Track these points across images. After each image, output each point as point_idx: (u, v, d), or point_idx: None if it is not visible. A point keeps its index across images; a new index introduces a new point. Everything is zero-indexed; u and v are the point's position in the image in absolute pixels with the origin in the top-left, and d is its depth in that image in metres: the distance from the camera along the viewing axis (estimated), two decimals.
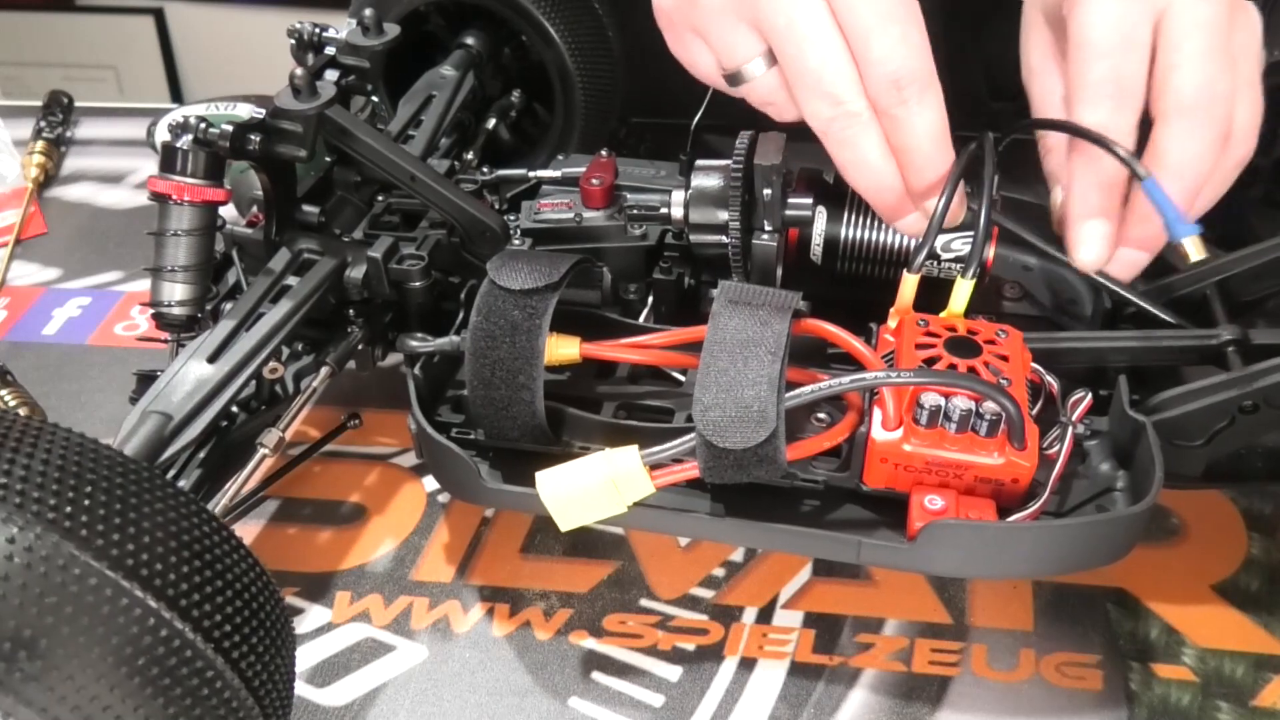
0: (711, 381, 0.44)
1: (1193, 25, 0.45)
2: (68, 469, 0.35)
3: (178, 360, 0.47)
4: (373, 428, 0.62)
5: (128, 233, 0.80)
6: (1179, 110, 0.45)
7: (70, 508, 0.34)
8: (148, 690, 0.34)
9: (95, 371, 0.68)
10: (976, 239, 0.48)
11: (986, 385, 0.43)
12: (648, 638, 0.52)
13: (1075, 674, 0.50)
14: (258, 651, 0.37)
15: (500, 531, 0.57)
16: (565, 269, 0.48)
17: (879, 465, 0.45)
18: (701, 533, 0.50)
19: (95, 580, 0.33)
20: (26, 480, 0.34)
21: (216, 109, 0.81)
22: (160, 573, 0.35)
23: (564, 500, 0.44)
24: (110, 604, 0.33)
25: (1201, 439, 0.47)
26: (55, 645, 0.33)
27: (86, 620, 0.33)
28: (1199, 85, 0.45)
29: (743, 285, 0.47)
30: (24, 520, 0.33)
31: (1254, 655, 0.50)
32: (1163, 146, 0.45)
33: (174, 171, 0.48)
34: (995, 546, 0.44)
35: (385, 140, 0.52)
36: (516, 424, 0.48)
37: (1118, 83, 0.45)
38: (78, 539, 0.33)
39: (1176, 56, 0.45)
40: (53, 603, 0.33)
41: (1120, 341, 0.50)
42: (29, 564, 0.33)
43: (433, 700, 0.50)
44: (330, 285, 0.51)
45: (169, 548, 0.36)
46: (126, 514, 0.35)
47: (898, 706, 0.49)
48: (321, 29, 0.55)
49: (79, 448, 0.37)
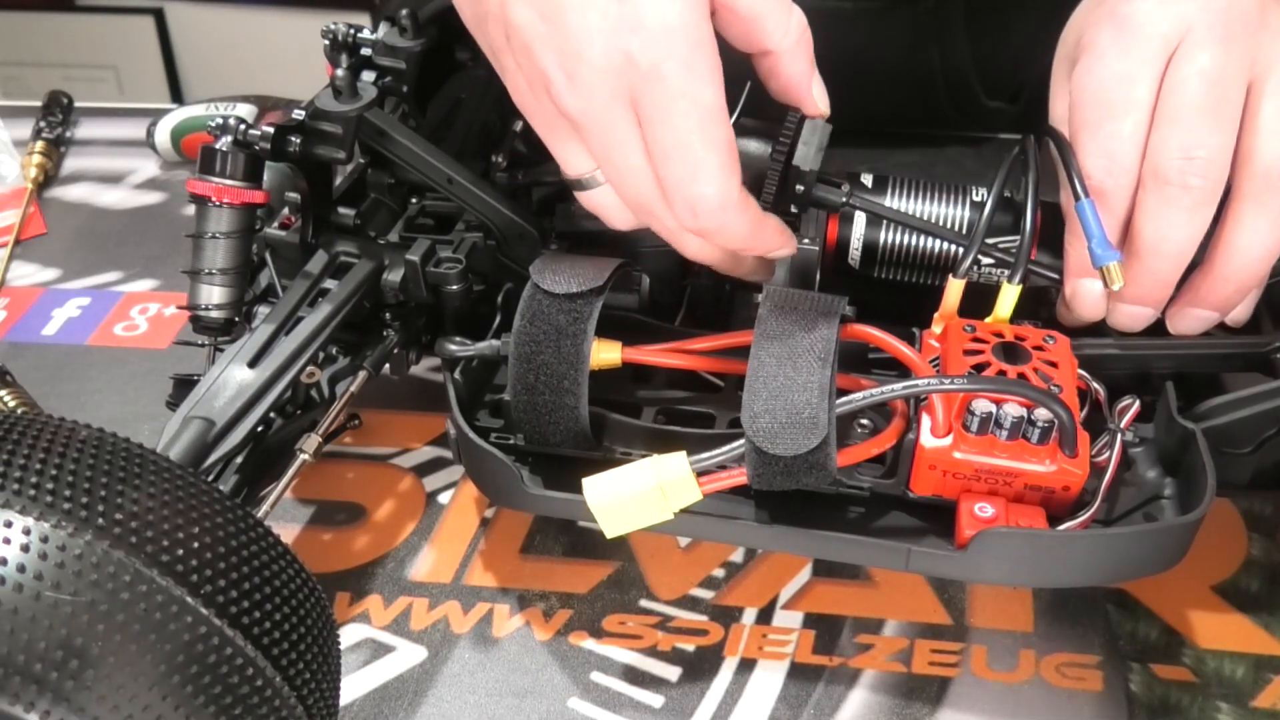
0: (761, 387, 0.43)
1: (1189, 74, 0.44)
2: (115, 474, 0.35)
3: (218, 365, 0.47)
4: (373, 428, 0.61)
5: (127, 233, 0.79)
6: (1153, 177, 0.45)
7: (119, 514, 0.34)
8: (199, 698, 0.34)
9: (95, 372, 0.67)
10: (1022, 244, 0.48)
11: (1040, 392, 0.43)
12: (648, 638, 0.52)
13: (1075, 675, 0.49)
14: (306, 660, 0.37)
15: (500, 532, 0.57)
16: (609, 273, 0.48)
17: (927, 472, 0.45)
18: (748, 540, 0.49)
19: (145, 587, 0.33)
20: (74, 485, 0.34)
21: (216, 109, 0.81)
22: (211, 579, 0.35)
23: (610, 507, 0.44)
24: (162, 611, 0.33)
25: (1249, 446, 0.47)
26: (106, 652, 0.32)
27: (137, 626, 0.33)
28: (1177, 149, 0.44)
29: (788, 290, 0.47)
30: (73, 526, 0.33)
31: (1254, 656, 0.50)
32: (1139, 218, 0.45)
33: (213, 173, 0.47)
34: (1048, 555, 0.43)
35: (422, 142, 0.51)
36: (559, 429, 0.47)
37: (1110, 157, 0.45)
38: (127, 545, 0.33)
39: (1162, 110, 0.45)
40: (104, 609, 0.32)
41: (1166, 348, 0.49)
42: (79, 571, 0.32)
43: (432, 700, 0.49)
44: (367, 289, 0.51)
45: (219, 554, 0.35)
46: (176, 520, 0.35)
47: (898, 707, 0.48)
48: (356, 29, 0.54)
49: (126, 453, 0.36)
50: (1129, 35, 0.46)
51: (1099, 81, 0.46)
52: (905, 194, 0.53)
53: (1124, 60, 0.45)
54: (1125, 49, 0.45)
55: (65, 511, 0.33)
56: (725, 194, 0.44)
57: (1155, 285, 0.47)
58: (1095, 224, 0.45)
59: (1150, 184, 0.45)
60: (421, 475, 0.60)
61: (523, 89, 0.45)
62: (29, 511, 0.33)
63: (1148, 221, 0.45)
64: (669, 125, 0.42)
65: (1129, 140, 0.45)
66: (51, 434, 0.36)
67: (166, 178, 0.85)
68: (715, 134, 0.43)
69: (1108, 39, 0.46)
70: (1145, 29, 0.45)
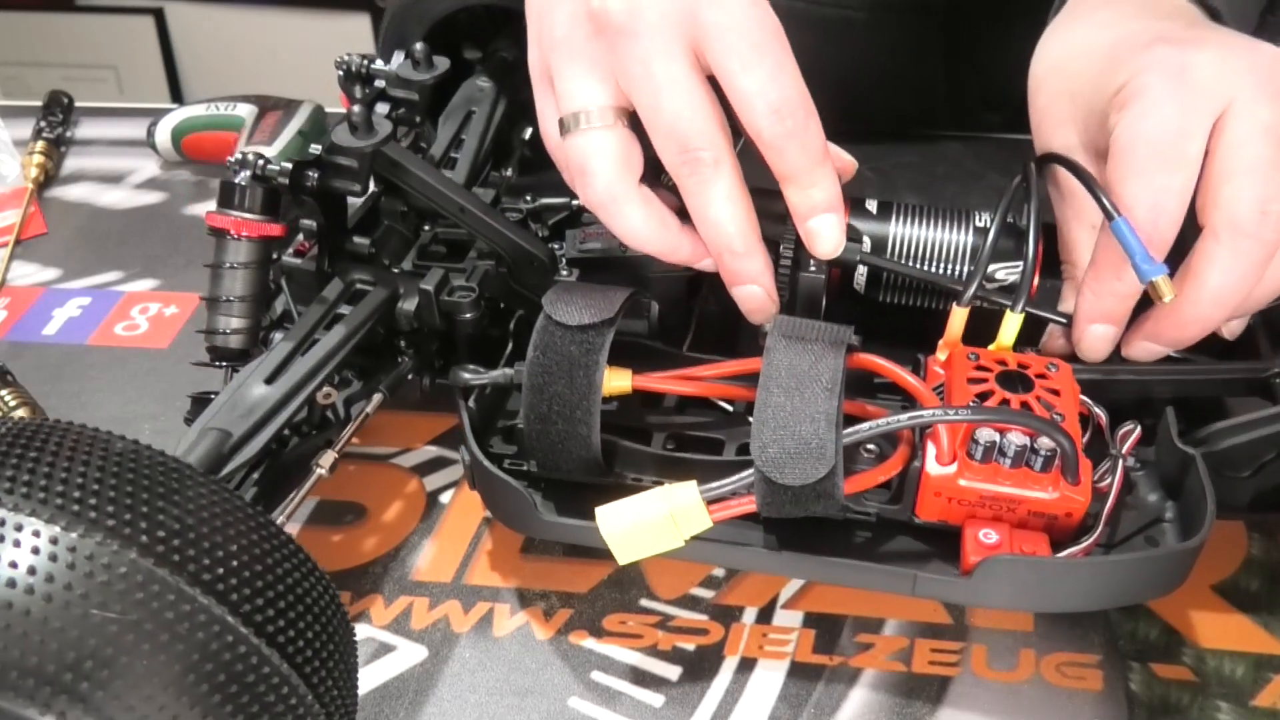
0: (769, 418, 0.44)
1: (1253, 130, 0.45)
2: (155, 490, 0.35)
3: (236, 380, 0.47)
4: (373, 428, 0.61)
5: (128, 233, 0.79)
6: (1228, 228, 0.45)
7: (161, 530, 0.34)
8: (215, 699, 0.34)
9: (95, 371, 0.67)
10: (1024, 272, 0.49)
11: (1043, 422, 0.44)
12: (648, 638, 0.52)
13: (1075, 674, 0.50)
14: (335, 675, 0.37)
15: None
16: (620, 303, 0.48)
17: (933, 499, 0.46)
18: (756, 566, 0.50)
19: (189, 606, 0.33)
20: (84, 488, 0.34)
21: (216, 109, 0.81)
22: (250, 598, 0.35)
23: (623, 535, 0.45)
24: (204, 630, 0.33)
25: (1249, 470, 0.48)
26: (151, 672, 0.32)
27: (181, 646, 0.33)
28: (1253, 201, 0.44)
29: (796, 320, 0.48)
30: (118, 544, 0.33)
31: (1254, 655, 0.50)
32: (1202, 265, 0.45)
33: (231, 206, 0.48)
34: (1051, 581, 0.44)
35: (435, 173, 0.52)
36: (572, 457, 0.48)
37: (1157, 210, 0.45)
38: (170, 563, 0.33)
39: (1232, 164, 0.45)
40: (148, 629, 0.33)
41: (1167, 374, 0.50)
42: (124, 591, 0.32)
43: (433, 700, 0.50)
44: (381, 315, 0.52)
45: (256, 572, 0.35)
46: (215, 537, 0.35)
47: (898, 706, 0.49)
48: (369, 60, 0.55)
49: (164, 467, 0.36)
50: (1186, 89, 0.45)
51: (1154, 133, 0.46)
52: (910, 220, 0.53)
53: (1181, 115, 0.45)
54: (1181, 102, 0.45)
55: (109, 529, 0.33)
56: (804, 93, 0.44)
57: (1199, 329, 0.47)
58: (1135, 241, 0.45)
59: (1225, 235, 0.45)
60: (423, 475, 0.60)
61: (557, 14, 0.45)
62: (73, 528, 0.33)
63: (1214, 271, 0.45)
64: (738, 32, 0.43)
65: (1179, 194, 0.45)
66: (88, 446, 0.36)
67: (167, 177, 0.85)
68: (783, 36, 0.44)
69: (1162, 89, 0.46)
70: (1202, 84, 0.45)
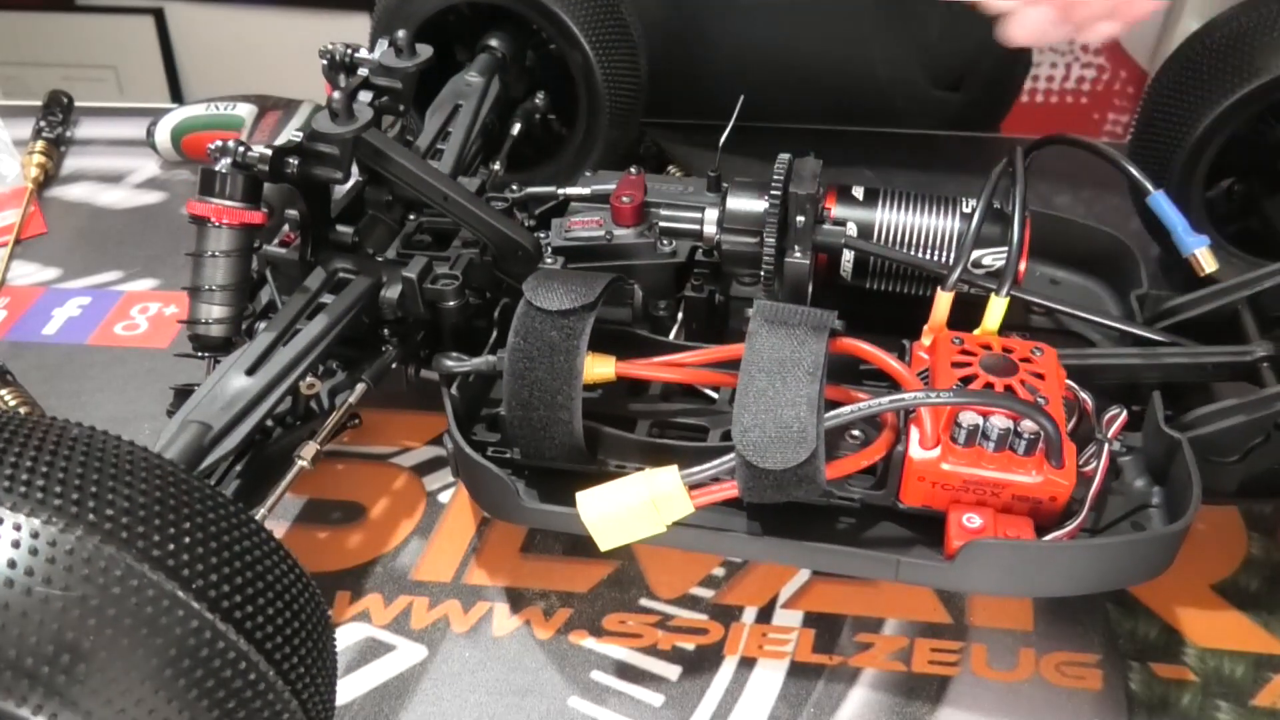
0: (751, 402, 0.44)
1: None
2: (105, 471, 0.35)
3: (216, 372, 0.47)
4: (372, 427, 0.62)
5: (127, 232, 0.80)
6: None
7: (109, 509, 0.34)
8: (192, 691, 0.34)
9: (95, 371, 0.68)
10: (1010, 257, 0.49)
11: (1025, 405, 0.44)
12: (648, 637, 0.52)
13: (1075, 674, 0.50)
14: (301, 654, 0.37)
15: (500, 531, 0.57)
16: (600, 289, 0.48)
17: (916, 484, 0.46)
18: (739, 551, 0.50)
19: (136, 581, 0.33)
20: (64, 482, 0.34)
21: (216, 109, 0.81)
22: (203, 574, 0.35)
23: (604, 520, 0.45)
24: (153, 605, 0.33)
25: (1237, 455, 0.48)
26: (98, 647, 0.32)
27: (129, 621, 0.33)
28: None
29: (779, 305, 0.48)
30: (64, 522, 0.33)
31: (1254, 655, 0.50)
32: None
33: (212, 194, 0.48)
34: (1035, 565, 0.44)
35: (418, 161, 0.52)
36: (554, 444, 0.48)
37: None
38: (117, 540, 0.33)
39: None
40: (97, 606, 0.32)
41: (1154, 358, 0.50)
42: (70, 567, 0.32)
43: (432, 700, 0.50)
44: (365, 304, 0.51)
45: (211, 549, 0.35)
46: (166, 515, 0.35)
47: (898, 706, 0.49)
48: (353, 49, 0.55)
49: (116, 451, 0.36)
50: None
51: None
52: (896, 206, 0.53)
53: None
54: None
55: (55, 508, 0.33)
56: None
57: None
58: (1175, 214, 0.44)
59: None
60: (421, 474, 0.60)
61: None
62: (19, 508, 0.33)
63: None
64: None
65: None
66: (42, 433, 0.36)
67: (166, 177, 0.85)
68: None
69: None
70: None
